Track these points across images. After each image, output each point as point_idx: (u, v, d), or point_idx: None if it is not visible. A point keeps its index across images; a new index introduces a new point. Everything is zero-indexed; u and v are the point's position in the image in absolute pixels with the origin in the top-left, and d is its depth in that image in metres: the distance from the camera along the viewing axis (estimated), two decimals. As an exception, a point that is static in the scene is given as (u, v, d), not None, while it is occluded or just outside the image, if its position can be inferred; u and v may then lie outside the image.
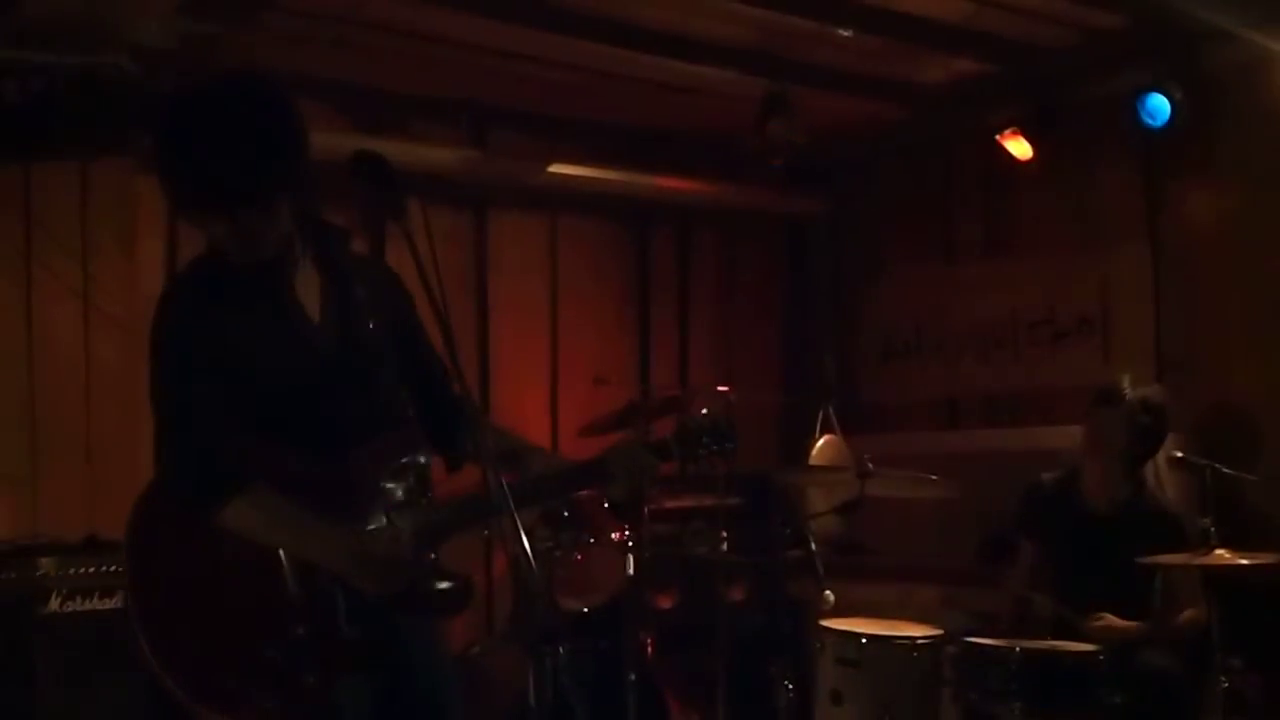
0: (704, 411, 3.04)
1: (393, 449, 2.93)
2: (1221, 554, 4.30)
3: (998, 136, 6.35)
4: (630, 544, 5.09)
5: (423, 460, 2.97)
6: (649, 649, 5.52)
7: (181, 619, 2.77)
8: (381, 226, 5.76)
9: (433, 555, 2.88)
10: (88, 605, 4.64)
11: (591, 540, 5.17)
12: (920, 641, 4.77)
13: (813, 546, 4.77)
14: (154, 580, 2.82)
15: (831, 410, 6.55)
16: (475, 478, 2.78)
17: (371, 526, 2.84)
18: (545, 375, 6.99)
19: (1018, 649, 4.38)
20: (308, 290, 2.91)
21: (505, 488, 2.56)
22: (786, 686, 4.78)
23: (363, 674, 2.83)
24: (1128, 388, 4.83)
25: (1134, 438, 4.82)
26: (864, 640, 4.77)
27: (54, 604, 4.59)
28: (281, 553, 2.76)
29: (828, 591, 4.66)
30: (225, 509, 2.74)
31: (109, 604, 4.65)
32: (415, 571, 2.81)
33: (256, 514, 2.75)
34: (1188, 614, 4.71)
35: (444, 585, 2.89)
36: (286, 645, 2.72)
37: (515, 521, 2.53)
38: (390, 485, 2.90)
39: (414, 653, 2.95)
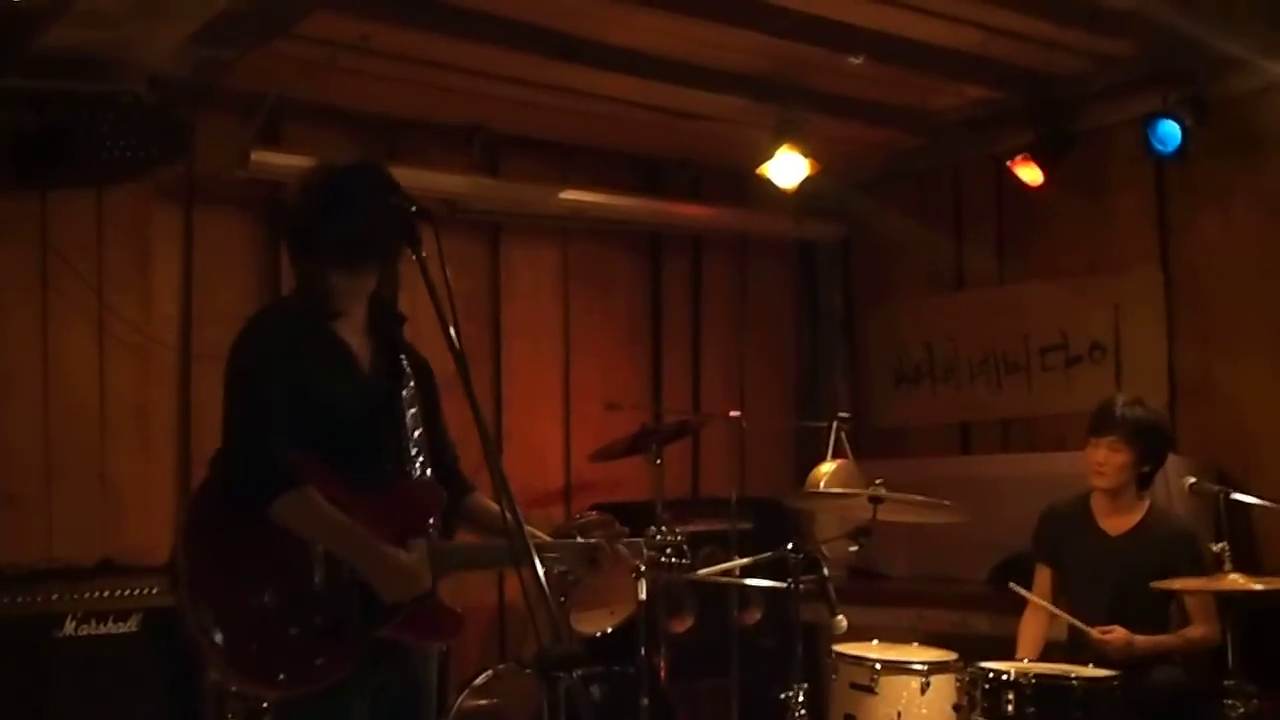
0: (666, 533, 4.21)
1: (420, 489, 3.32)
2: (1235, 578, 4.30)
3: (1009, 163, 6.35)
4: (643, 568, 5.08)
5: (442, 504, 3.36)
6: (663, 673, 5.51)
7: (222, 597, 3.06)
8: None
9: (435, 584, 3.21)
10: (102, 629, 4.65)
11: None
12: (933, 666, 4.76)
13: (825, 571, 4.76)
14: (203, 562, 3.08)
15: (843, 434, 6.54)
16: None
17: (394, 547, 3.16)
18: (558, 400, 7.00)
19: (1031, 674, 4.37)
20: (361, 348, 3.30)
21: (523, 538, 2.72)
22: (800, 711, 4.75)
23: (368, 668, 3.12)
24: (1120, 411, 4.83)
25: (1134, 459, 4.82)
26: (877, 665, 4.77)
27: (68, 628, 4.60)
28: (313, 552, 3.09)
29: (840, 617, 4.64)
30: (276, 501, 3.05)
31: (123, 628, 4.68)
32: (423, 591, 3.15)
33: (303, 509, 3.07)
34: (1200, 631, 4.71)
35: (439, 613, 3.23)
36: (305, 629, 3.06)
37: (534, 566, 2.69)
38: (414, 517, 3.25)
39: (413, 662, 3.30)
